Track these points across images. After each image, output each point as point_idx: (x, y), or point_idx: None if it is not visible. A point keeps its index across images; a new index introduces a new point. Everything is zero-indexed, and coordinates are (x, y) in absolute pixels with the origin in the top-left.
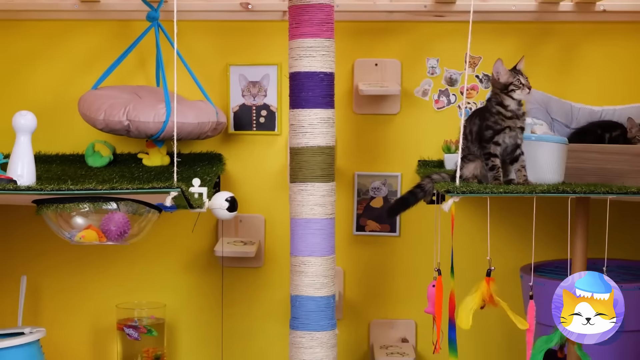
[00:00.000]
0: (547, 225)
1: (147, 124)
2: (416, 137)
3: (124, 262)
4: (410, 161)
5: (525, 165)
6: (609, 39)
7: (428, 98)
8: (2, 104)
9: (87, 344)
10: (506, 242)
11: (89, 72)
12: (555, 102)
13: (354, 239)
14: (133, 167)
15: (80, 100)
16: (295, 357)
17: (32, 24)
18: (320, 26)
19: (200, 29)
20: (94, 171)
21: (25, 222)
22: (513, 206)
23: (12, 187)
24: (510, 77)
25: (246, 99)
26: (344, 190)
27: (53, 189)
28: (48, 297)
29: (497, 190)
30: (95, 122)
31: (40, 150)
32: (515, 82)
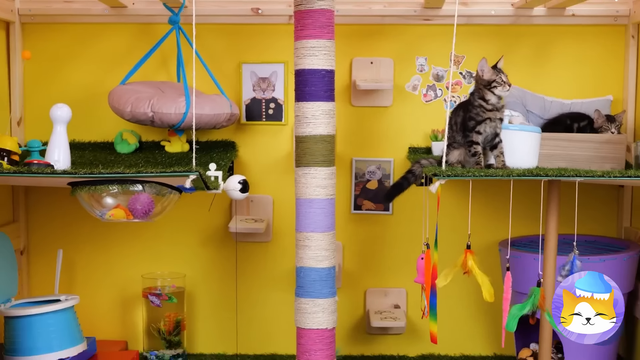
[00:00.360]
0: (522, 205)
1: (169, 115)
2: (407, 126)
3: (149, 238)
4: (402, 148)
5: (503, 151)
6: (577, 39)
7: (417, 92)
8: (41, 98)
9: (115, 310)
10: (486, 219)
11: (117, 69)
12: (530, 96)
13: (351, 217)
14: (156, 153)
15: (110, 94)
16: (300, 321)
17: (67, 27)
18: (322, 29)
19: (216, 31)
20: (122, 157)
21: (61, 202)
22: (493, 188)
23: (50, 171)
24: (493, 75)
25: (256, 93)
26: (343, 173)
27: (86, 172)
28: (81, 268)
29: (478, 174)
30: (123, 114)
31: (75, 138)
32: (497, 79)
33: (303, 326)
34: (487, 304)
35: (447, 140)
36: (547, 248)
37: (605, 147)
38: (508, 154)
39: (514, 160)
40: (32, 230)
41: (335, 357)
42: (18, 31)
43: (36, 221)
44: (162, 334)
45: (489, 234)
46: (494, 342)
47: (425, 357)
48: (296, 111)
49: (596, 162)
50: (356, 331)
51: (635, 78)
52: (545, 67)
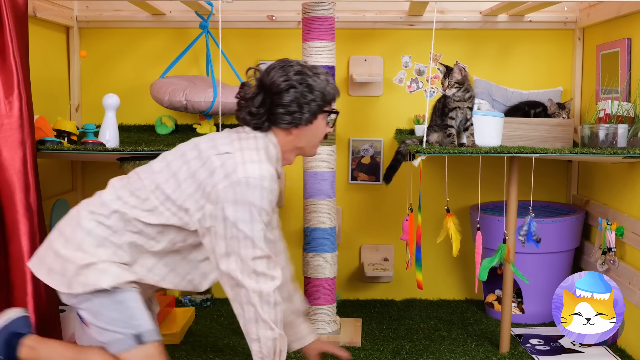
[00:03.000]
0: (489, 176)
1: (200, 103)
2: (394, 112)
3: None
4: (390, 130)
5: (473, 133)
6: (533, 41)
7: (403, 84)
8: (95, 88)
9: None
10: (460, 189)
11: (157, 65)
12: (495, 87)
13: (349, 186)
14: (190, 134)
15: (151, 86)
16: (307, 271)
17: (116, 31)
18: (324, 32)
19: (238, 34)
20: (161, 137)
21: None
22: (465, 163)
23: (102, 148)
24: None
25: None
26: (342, 151)
27: (132, 149)
28: None
29: (452, 151)
30: (162, 102)
31: (122, 122)
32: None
33: (309, 276)
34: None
35: (430, 123)
36: (509, 212)
37: (556, 129)
38: (477, 135)
39: (482, 140)
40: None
41: (335, 300)
42: (76, 34)
43: (91, 190)
44: None
45: (462, 200)
46: (465, 289)
47: (409, 300)
48: None
49: (549, 141)
50: (353, 280)
51: (581, 72)
52: (508, 64)
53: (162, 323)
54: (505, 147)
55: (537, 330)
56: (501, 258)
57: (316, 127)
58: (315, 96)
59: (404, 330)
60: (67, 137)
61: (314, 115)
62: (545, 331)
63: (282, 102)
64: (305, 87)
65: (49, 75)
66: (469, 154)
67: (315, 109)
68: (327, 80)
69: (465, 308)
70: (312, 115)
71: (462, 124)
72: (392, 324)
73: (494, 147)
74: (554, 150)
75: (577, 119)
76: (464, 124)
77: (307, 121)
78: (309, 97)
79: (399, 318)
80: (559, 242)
